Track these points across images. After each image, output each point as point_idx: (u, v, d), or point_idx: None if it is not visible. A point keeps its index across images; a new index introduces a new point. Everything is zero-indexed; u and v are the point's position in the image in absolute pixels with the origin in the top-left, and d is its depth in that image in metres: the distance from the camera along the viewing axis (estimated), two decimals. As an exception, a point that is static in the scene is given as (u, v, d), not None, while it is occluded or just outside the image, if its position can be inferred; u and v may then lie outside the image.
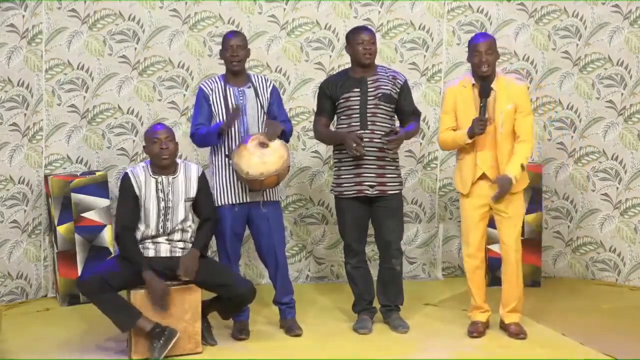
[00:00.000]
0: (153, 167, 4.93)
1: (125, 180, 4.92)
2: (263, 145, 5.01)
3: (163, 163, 4.88)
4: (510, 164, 5.02)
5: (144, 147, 5.03)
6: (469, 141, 5.02)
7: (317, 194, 6.64)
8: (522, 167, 5.04)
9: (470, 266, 5.25)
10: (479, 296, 5.26)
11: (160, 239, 4.91)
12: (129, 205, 4.90)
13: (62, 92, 6.12)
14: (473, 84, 5.10)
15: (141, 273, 4.76)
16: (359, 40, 5.20)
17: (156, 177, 4.92)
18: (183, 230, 4.94)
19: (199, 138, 5.17)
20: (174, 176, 4.94)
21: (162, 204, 4.90)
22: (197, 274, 4.85)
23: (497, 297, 5.34)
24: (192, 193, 4.95)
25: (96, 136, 6.23)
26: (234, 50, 5.15)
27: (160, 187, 4.91)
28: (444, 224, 6.81)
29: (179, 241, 4.94)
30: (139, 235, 4.90)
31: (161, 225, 4.90)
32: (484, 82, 5.03)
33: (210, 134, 5.08)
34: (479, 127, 4.97)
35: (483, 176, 5.11)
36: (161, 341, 4.71)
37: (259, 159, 4.97)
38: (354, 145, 5.10)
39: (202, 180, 5.01)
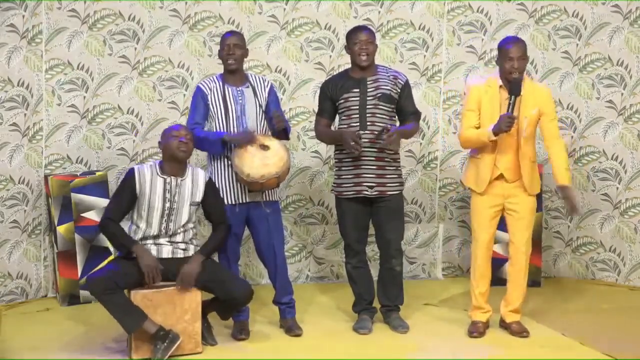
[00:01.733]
0: (163, 166, 4.94)
1: (129, 176, 4.93)
2: (264, 147, 5.01)
3: (180, 155, 4.88)
4: (560, 174, 5.06)
5: (159, 143, 5.01)
6: (494, 138, 4.98)
7: (317, 194, 6.64)
8: (570, 172, 5.16)
9: (480, 265, 5.22)
10: (482, 296, 5.26)
11: (162, 240, 4.92)
12: (122, 201, 4.93)
13: (62, 92, 6.12)
14: (500, 86, 5.08)
15: (132, 251, 4.80)
16: (356, 40, 5.21)
17: (165, 177, 4.92)
18: (185, 232, 4.96)
19: (194, 139, 5.15)
20: (182, 178, 4.95)
21: (167, 205, 4.90)
22: (195, 280, 4.86)
23: (497, 296, 5.34)
24: (198, 198, 4.96)
25: (96, 136, 6.23)
26: (230, 49, 5.15)
27: (168, 187, 4.91)
28: (444, 224, 6.81)
29: (180, 242, 4.94)
30: (140, 233, 4.91)
31: (164, 226, 4.91)
32: (515, 79, 4.99)
33: (210, 141, 5.07)
34: (506, 124, 4.92)
35: (499, 176, 5.12)
36: (165, 343, 4.71)
37: (260, 161, 4.97)
38: (352, 143, 5.09)
39: (210, 186, 5.01)
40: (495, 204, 5.15)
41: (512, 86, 4.99)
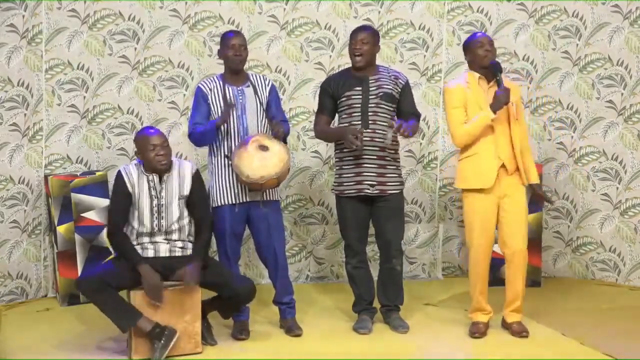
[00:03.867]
0: (146, 166, 4.92)
1: (119, 179, 4.91)
2: (263, 147, 5.00)
3: (160, 169, 4.87)
4: (532, 173, 5.24)
5: (136, 152, 4.96)
6: (494, 116, 5.04)
7: (317, 194, 6.64)
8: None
9: (480, 268, 5.20)
10: (482, 297, 5.25)
11: (158, 239, 4.91)
12: (121, 204, 4.91)
13: (62, 92, 6.12)
14: (479, 77, 5.15)
15: (137, 269, 4.76)
16: (352, 40, 5.26)
17: (148, 174, 4.91)
18: (180, 229, 4.94)
19: (196, 137, 5.16)
20: (167, 174, 4.92)
21: (155, 202, 4.89)
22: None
23: (497, 297, 5.34)
24: (186, 191, 4.94)
25: (96, 136, 6.23)
26: (237, 49, 5.14)
27: (152, 184, 4.89)
28: (444, 224, 6.81)
29: (177, 240, 4.94)
30: (134, 233, 4.90)
31: (156, 224, 4.89)
32: (493, 61, 5.11)
33: (207, 131, 5.08)
34: (504, 96, 5.03)
35: (501, 169, 5.12)
36: (162, 341, 4.71)
37: (260, 162, 4.96)
38: (353, 138, 5.09)
39: (197, 179, 4.97)
40: (495, 204, 5.14)
41: (494, 66, 5.11)
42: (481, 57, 5.13)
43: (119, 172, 4.93)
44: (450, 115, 5.21)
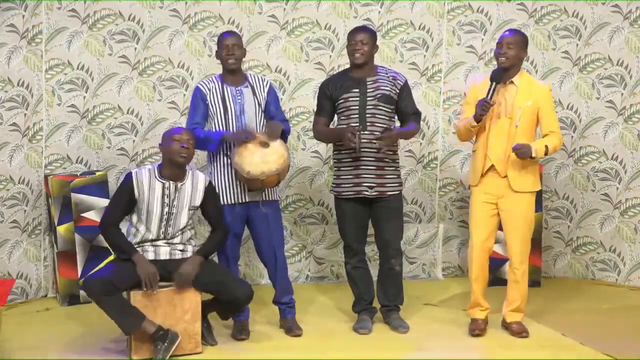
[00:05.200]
0: (162, 170, 4.91)
1: (127, 181, 4.90)
2: (263, 144, 5.02)
3: (179, 161, 4.84)
4: (537, 142, 5.04)
5: (160, 145, 4.96)
6: (475, 124, 5.04)
7: (317, 194, 6.64)
8: (546, 148, 5.03)
9: (474, 263, 5.21)
10: (480, 294, 5.25)
11: (159, 242, 4.91)
12: (120, 206, 4.91)
13: (62, 92, 6.12)
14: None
15: (131, 259, 4.77)
16: (351, 41, 5.24)
17: (163, 181, 4.91)
18: (182, 233, 4.95)
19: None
20: (181, 182, 4.92)
21: (166, 209, 4.89)
22: (193, 281, 4.86)
23: (497, 296, 5.34)
24: (197, 202, 4.95)
25: (96, 136, 6.23)
26: (229, 49, 5.15)
27: (166, 192, 4.89)
28: (444, 224, 6.81)
29: (178, 244, 4.94)
30: (139, 237, 4.90)
31: (162, 230, 4.90)
32: (497, 68, 5.08)
33: (210, 140, 5.07)
34: (480, 108, 5.00)
35: (493, 170, 5.11)
36: (165, 344, 4.71)
37: (260, 158, 4.98)
38: (349, 135, 5.09)
39: (210, 190, 4.99)
40: (490, 200, 5.14)
41: (493, 73, 5.08)
42: (495, 57, 5.15)
43: (130, 174, 4.91)
44: (462, 111, 5.34)
